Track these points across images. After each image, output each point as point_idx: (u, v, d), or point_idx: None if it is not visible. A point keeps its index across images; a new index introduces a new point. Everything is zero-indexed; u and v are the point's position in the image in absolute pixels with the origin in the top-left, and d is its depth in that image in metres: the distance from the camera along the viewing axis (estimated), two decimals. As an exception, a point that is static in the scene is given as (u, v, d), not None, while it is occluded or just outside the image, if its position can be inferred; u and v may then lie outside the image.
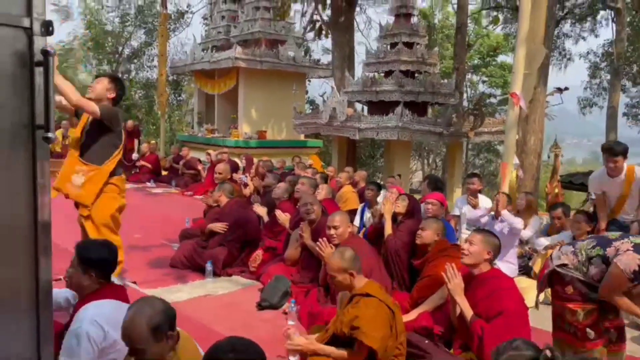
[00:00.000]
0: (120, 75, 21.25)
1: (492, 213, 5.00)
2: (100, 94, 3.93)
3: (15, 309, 1.38)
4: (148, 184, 11.08)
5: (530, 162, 9.55)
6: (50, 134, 1.37)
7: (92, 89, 3.99)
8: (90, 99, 3.87)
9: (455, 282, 3.14)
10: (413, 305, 3.79)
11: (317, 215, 4.68)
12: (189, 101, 22.16)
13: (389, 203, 4.75)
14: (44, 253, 1.43)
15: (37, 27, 1.37)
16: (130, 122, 13.37)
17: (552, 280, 2.98)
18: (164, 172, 12.06)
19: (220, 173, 6.94)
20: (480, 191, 5.80)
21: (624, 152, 4.59)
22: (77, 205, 4.03)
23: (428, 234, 3.98)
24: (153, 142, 13.64)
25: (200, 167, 11.15)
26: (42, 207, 1.42)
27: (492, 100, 22.06)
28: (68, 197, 3.93)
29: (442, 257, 3.79)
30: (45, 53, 1.36)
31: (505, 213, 4.83)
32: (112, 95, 3.99)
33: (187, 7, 20.73)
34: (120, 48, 21.11)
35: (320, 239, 4.04)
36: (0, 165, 1.34)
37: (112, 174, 4.02)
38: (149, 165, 11.71)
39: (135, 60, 21.79)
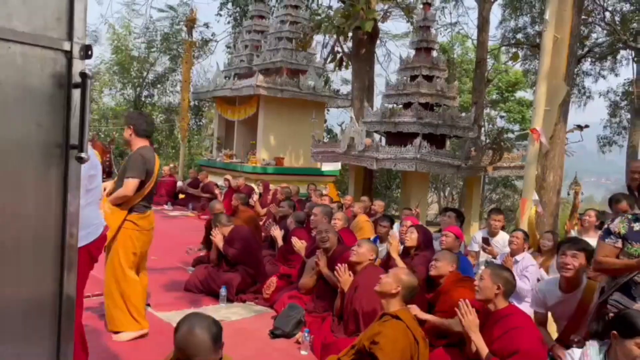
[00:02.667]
0: (142, 100, 21.77)
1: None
2: (128, 140, 4.04)
3: (37, 325, 1.39)
4: (165, 206, 11.18)
5: (549, 198, 9.44)
6: (83, 154, 1.40)
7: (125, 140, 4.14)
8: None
9: (469, 319, 3.07)
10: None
11: (332, 243, 4.67)
12: (208, 126, 22.50)
13: (395, 241, 4.74)
14: (69, 271, 1.44)
15: (76, 51, 1.41)
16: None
17: None
18: (181, 196, 12.17)
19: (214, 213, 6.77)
20: (503, 228, 5.74)
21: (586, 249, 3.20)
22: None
23: (443, 264, 3.91)
24: (172, 165, 13.83)
25: (217, 191, 11.24)
26: (70, 226, 1.44)
27: (510, 135, 22.02)
28: None
29: (456, 289, 3.72)
30: (84, 76, 1.40)
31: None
32: (130, 132, 3.97)
33: (212, 35, 21.28)
34: (144, 73, 21.62)
35: (338, 265, 4.02)
36: (32, 182, 1.37)
37: (131, 210, 3.94)
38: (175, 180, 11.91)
39: (159, 85, 22.28)
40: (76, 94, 1.41)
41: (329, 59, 13.45)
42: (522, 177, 6.89)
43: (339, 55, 12.34)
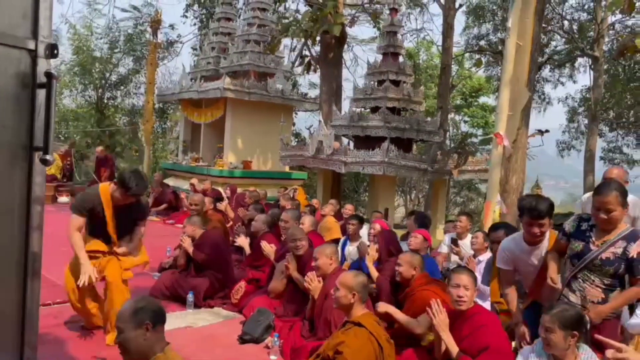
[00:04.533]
0: (105, 102, 21.24)
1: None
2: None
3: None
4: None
5: (512, 200, 9.66)
6: (48, 157, 1.35)
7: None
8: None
9: (440, 318, 3.13)
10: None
11: (305, 250, 4.64)
12: (173, 129, 22.12)
13: (372, 251, 4.78)
14: (32, 278, 1.39)
15: (41, 50, 1.37)
16: (99, 149, 13.45)
17: None
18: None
19: (196, 204, 6.57)
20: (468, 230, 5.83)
21: (550, 211, 3.27)
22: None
23: (404, 269, 3.95)
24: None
25: (183, 195, 11.03)
26: (33, 232, 1.39)
27: (474, 139, 22.52)
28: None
29: (423, 290, 3.76)
30: (49, 75, 1.36)
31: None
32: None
33: (177, 37, 20.96)
34: (107, 74, 21.10)
35: (308, 272, 4.00)
36: (-6, 186, 1.32)
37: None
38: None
39: (122, 87, 21.79)
40: (41, 94, 1.37)
41: (297, 63, 13.46)
42: (486, 181, 7.05)
43: (307, 59, 12.38)
